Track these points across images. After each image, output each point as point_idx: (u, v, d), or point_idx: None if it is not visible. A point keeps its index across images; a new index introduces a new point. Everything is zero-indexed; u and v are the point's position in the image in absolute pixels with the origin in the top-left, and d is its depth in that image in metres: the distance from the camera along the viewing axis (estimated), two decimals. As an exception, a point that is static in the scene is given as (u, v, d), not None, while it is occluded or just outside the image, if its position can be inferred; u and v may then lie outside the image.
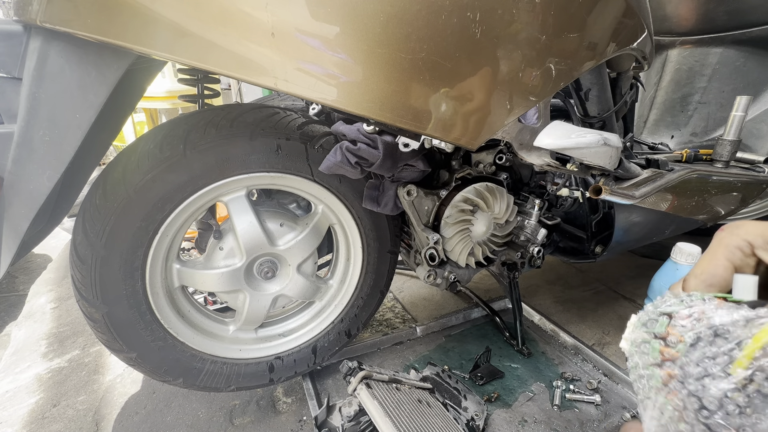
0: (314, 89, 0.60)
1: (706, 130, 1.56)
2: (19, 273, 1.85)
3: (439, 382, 1.08)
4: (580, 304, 1.60)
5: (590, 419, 1.07)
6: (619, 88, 1.03)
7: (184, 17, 0.55)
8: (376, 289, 1.10)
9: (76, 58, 0.59)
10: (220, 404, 1.11)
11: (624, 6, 0.76)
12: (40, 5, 0.54)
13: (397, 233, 1.06)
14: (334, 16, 0.57)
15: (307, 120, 0.88)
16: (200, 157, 0.77)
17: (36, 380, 1.22)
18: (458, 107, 0.67)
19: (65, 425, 1.06)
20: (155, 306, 0.87)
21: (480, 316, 1.50)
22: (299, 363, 1.07)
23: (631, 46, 0.83)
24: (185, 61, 0.57)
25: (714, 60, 1.49)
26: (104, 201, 0.75)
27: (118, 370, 1.25)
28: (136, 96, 1.00)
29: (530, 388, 1.17)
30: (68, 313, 1.54)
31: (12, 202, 0.63)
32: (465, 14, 0.60)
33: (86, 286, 0.79)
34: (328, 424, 0.98)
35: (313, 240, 0.98)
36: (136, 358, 0.88)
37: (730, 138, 1.17)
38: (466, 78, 0.65)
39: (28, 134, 0.60)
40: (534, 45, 0.67)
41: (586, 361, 1.28)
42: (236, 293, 0.96)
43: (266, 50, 0.57)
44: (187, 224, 0.87)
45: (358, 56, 0.59)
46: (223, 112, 0.81)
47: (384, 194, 0.93)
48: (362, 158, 0.81)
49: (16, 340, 1.40)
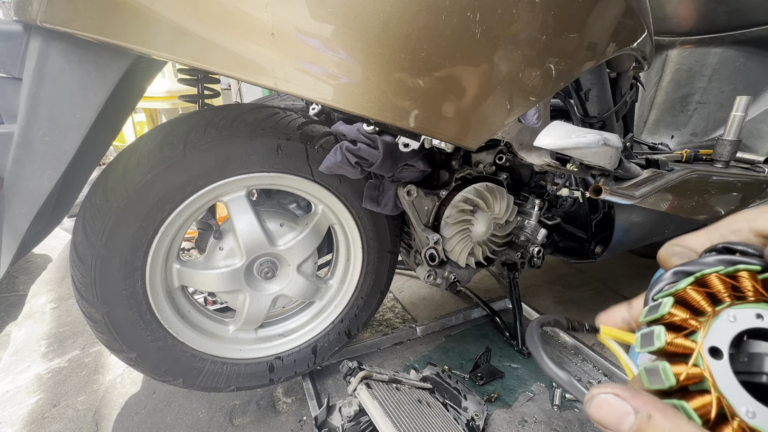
0: (314, 89, 0.60)
1: (706, 130, 1.56)
2: (19, 273, 1.85)
3: (439, 382, 1.08)
4: (580, 304, 1.60)
5: (590, 419, 1.06)
6: (619, 88, 1.03)
7: (184, 17, 0.55)
8: (376, 289, 1.10)
9: (76, 58, 0.59)
10: (220, 404, 1.11)
11: (624, 6, 0.76)
12: (40, 5, 0.54)
13: (397, 233, 1.06)
14: (334, 16, 0.57)
15: (307, 120, 0.88)
16: (200, 157, 0.77)
17: (36, 380, 1.22)
18: (458, 107, 0.67)
19: (65, 425, 1.06)
20: (155, 306, 0.87)
21: (480, 316, 1.50)
22: (299, 363, 1.07)
23: (631, 46, 0.83)
24: (185, 61, 0.57)
25: (714, 60, 1.49)
26: (104, 201, 0.75)
27: (118, 370, 1.25)
28: (136, 96, 1.00)
29: (530, 388, 1.17)
30: (68, 313, 1.54)
31: (12, 202, 0.63)
32: (465, 14, 0.60)
33: (86, 286, 0.79)
34: (328, 424, 0.98)
35: (313, 240, 0.98)
36: (136, 358, 0.88)
37: (730, 138, 1.17)
38: (466, 78, 0.65)
39: (28, 134, 0.60)
40: (534, 45, 0.67)
41: (586, 361, 1.28)
42: (236, 293, 0.96)
43: (266, 50, 0.57)
44: (187, 224, 0.87)
45: (358, 56, 0.59)
46: (223, 112, 0.81)
47: (384, 194, 0.93)
48: (362, 158, 0.81)
49: (16, 340, 1.40)
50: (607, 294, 1.69)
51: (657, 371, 0.22)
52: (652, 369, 0.22)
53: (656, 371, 0.22)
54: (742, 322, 0.22)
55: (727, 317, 0.22)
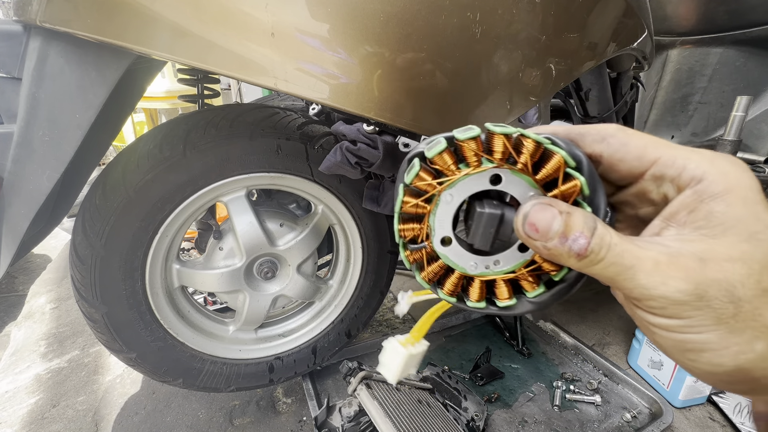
0: (314, 89, 0.60)
1: (706, 130, 1.56)
2: (19, 273, 1.85)
3: (439, 382, 1.08)
4: (580, 305, 1.60)
5: (590, 420, 1.07)
6: (620, 88, 1.03)
7: (184, 17, 0.55)
8: (376, 290, 1.10)
9: (76, 58, 0.59)
10: (219, 405, 1.11)
11: (624, 6, 0.76)
12: (40, 5, 0.54)
13: (397, 233, 1.06)
14: (334, 16, 0.57)
15: (307, 120, 0.88)
16: (200, 157, 0.77)
17: (35, 380, 1.22)
18: (458, 107, 0.67)
19: (65, 425, 1.06)
20: (155, 306, 0.87)
21: (480, 316, 1.50)
22: (299, 363, 1.07)
23: (631, 46, 0.83)
24: (185, 61, 0.57)
25: (714, 60, 1.49)
26: (104, 201, 0.75)
27: (117, 370, 1.25)
28: (135, 96, 1.00)
29: (530, 388, 1.17)
30: (68, 314, 1.54)
31: (12, 202, 0.63)
32: (465, 14, 0.60)
33: (86, 287, 0.79)
34: (328, 425, 0.98)
35: (313, 240, 0.98)
36: (135, 358, 0.87)
37: (731, 138, 1.17)
38: (466, 78, 0.65)
39: (28, 134, 0.60)
40: (534, 45, 0.67)
41: (586, 361, 1.27)
42: (236, 293, 0.96)
43: (266, 50, 0.57)
44: (187, 224, 0.87)
45: (358, 56, 0.59)
46: (223, 112, 0.81)
47: (384, 194, 0.93)
48: (362, 158, 0.81)
49: (16, 341, 1.40)
50: (608, 294, 1.69)
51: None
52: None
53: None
54: (459, 198, 0.26)
55: (445, 199, 0.26)
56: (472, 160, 0.25)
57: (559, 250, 0.22)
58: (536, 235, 0.23)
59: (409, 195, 0.27)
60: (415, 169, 0.26)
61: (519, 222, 0.24)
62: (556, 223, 0.22)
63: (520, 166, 0.25)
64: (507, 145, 0.24)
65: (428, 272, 0.28)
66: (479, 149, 0.25)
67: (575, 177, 0.24)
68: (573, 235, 0.22)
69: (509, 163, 0.25)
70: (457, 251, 0.27)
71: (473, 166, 0.25)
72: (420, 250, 0.28)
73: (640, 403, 1.12)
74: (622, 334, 1.42)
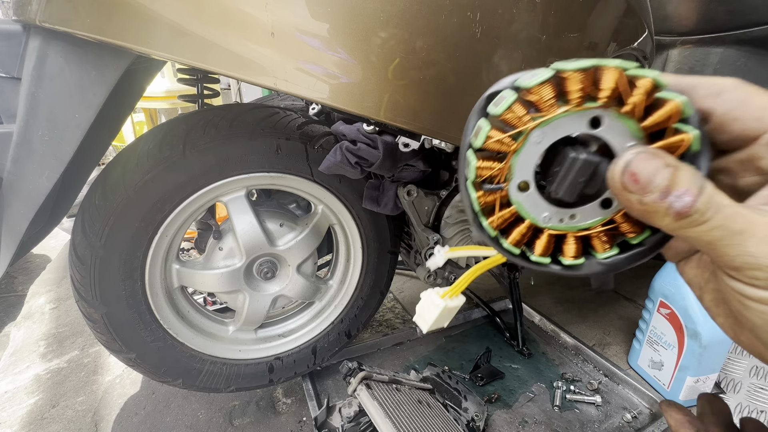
0: (314, 89, 0.60)
1: (706, 130, 1.56)
2: (18, 273, 1.85)
3: (440, 382, 1.08)
4: (580, 305, 1.60)
5: (591, 420, 1.06)
6: (620, 88, 1.02)
7: (184, 17, 0.55)
8: (376, 290, 1.10)
9: (76, 57, 0.59)
10: (219, 405, 1.11)
11: (624, 6, 0.76)
12: (40, 5, 0.54)
13: (397, 233, 1.06)
14: (334, 15, 0.57)
15: (307, 120, 0.88)
16: (200, 157, 0.77)
17: (35, 381, 1.21)
18: (458, 107, 0.67)
19: (64, 426, 1.06)
20: (154, 306, 0.87)
21: (480, 316, 1.50)
22: (299, 364, 1.07)
23: (631, 45, 0.83)
24: (185, 61, 0.57)
25: (715, 60, 1.49)
26: (103, 201, 0.75)
27: (117, 370, 1.25)
28: (135, 96, 1.00)
29: (531, 388, 1.17)
30: (67, 314, 1.54)
31: (11, 202, 0.63)
32: (465, 14, 0.60)
33: (85, 287, 0.79)
34: (328, 425, 0.97)
35: (312, 240, 0.98)
36: (135, 358, 0.87)
37: (731, 138, 1.17)
38: (466, 78, 0.65)
39: (28, 134, 0.60)
40: (534, 45, 0.67)
41: (586, 361, 1.27)
42: (236, 294, 0.96)
43: (266, 50, 0.57)
44: (187, 224, 0.87)
45: (357, 56, 0.59)
46: (223, 112, 0.80)
47: (384, 194, 0.93)
48: (362, 158, 0.81)
49: (15, 341, 1.40)
50: (608, 294, 1.69)
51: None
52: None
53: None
54: (549, 139, 0.23)
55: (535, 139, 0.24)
56: (575, 97, 0.22)
57: (656, 206, 0.20)
58: (634, 186, 0.20)
59: (495, 128, 0.24)
60: (510, 100, 0.23)
61: (618, 170, 0.21)
62: (661, 175, 0.20)
63: (629, 108, 0.22)
64: (622, 81, 0.21)
65: (498, 217, 0.25)
66: (589, 82, 0.22)
67: (684, 131, 0.21)
68: (677, 192, 0.19)
69: (615, 105, 0.22)
70: (533, 199, 0.25)
71: (574, 104, 0.22)
72: (494, 192, 0.25)
73: (641, 404, 1.12)
74: (623, 335, 1.42)
